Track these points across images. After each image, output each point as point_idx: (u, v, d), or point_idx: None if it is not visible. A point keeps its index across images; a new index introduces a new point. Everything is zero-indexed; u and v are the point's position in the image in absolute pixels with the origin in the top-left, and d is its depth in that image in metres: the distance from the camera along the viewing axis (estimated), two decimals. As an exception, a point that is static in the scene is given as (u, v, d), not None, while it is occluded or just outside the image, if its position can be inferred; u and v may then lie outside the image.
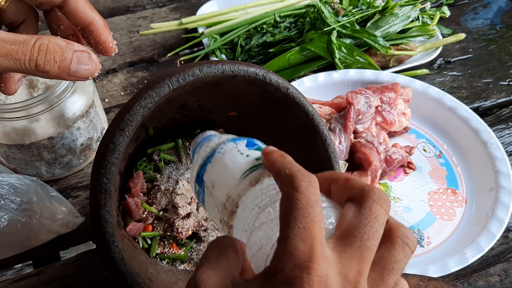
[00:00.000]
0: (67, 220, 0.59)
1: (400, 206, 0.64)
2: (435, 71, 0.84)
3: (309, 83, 0.75)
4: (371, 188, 0.28)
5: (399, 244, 0.27)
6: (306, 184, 0.26)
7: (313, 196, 0.26)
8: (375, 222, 0.27)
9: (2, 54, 0.33)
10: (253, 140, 0.35)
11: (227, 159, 0.33)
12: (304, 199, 0.25)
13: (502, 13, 0.97)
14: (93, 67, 0.37)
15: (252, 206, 0.30)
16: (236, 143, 0.34)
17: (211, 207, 0.34)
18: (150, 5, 0.98)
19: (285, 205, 0.26)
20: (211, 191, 0.34)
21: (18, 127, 0.57)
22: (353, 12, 0.81)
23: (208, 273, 0.27)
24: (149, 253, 0.52)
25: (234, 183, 0.32)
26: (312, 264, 0.24)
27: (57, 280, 0.56)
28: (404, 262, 0.27)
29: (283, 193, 0.27)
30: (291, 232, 0.25)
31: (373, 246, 0.26)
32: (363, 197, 0.27)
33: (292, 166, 0.27)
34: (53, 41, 0.35)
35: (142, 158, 0.55)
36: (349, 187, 0.29)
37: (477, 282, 0.57)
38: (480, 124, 0.69)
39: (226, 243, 0.29)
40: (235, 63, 0.46)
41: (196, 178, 0.36)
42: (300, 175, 0.26)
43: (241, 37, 0.83)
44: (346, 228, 0.27)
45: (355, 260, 0.25)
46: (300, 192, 0.25)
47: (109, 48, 0.41)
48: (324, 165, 0.51)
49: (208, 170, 0.34)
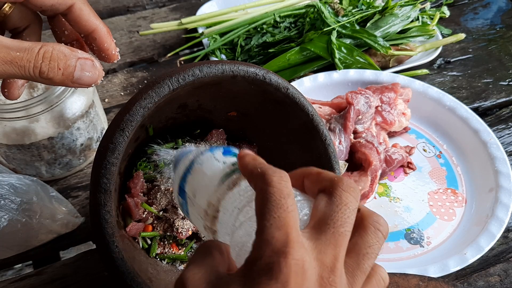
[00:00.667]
0: (67, 220, 0.59)
1: (400, 206, 0.64)
2: (435, 71, 0.84)
3: (309, 83, 0.75)
4: (340, 179, 0.29)
5: (371, 229, 0.29)
6: (277, 178, 0.27)
7: (285, 189, 0.27)
8: (346, 209, 0.28)
9: (7, 61, 0.33)
10: (230, 148, 0.36)
11: (206, 167, 0.34)
12: (277, 192, 0.27)
13: (502, 13, 0.97)
14: (96, 75, 0.38)
15: (231, 209, 0.31)
16: (213, 153, 0.35)
17: (195, 216, 0.35)
18: (150, 5, 0.98)
19: (260, 200, 0.27)
20: (193, 200, 0.35)
21: (18, 127, 0.57)
22: (353, 12, 0.81)
23: (194, 271, 0.28)
24: (149, 253, 0.52)
25: (213, 189, 0.33)
26: (289, 249, 0.25)
27: (57, 280, 0.56)
28: (378, 247, 0.29)
29: (256, 190, 0.28)
30: (267, 222, 0.26)
31: (346, 232, 0.27)
32: (333, 187, 0.29)
33: (263, 166, 0.29)
34: (57, 48, 0.35)
35: (142, 158, 0.55)
36: (320, 180, 0.30)
37: (477, 282, 0.57)
38: (480, 124, 0.69)
39: (210, 245, 0.30)
40: (235, 63, 0.46)
41: (179, 191, 0.36)
42: (271, 171, 0.28)
43: (241, 37, 0.83)
44: (319, 217, 0.28)
45: (330, 246, 0.27)
46: (272, 186, 0.27)
47: (111, 55, 0.42)
48: (324, 165, 0.51)
49: (188, 181, 0.35)
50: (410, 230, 0.62)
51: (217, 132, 0.57)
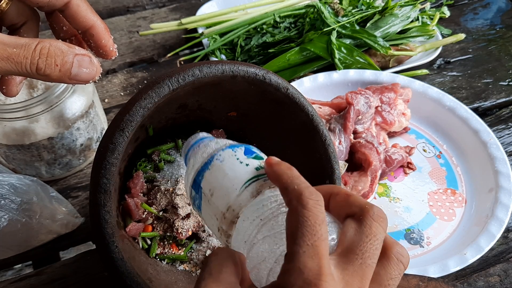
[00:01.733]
0: (67, 221, 0.59)
1: (400, 206, 0.64)
2: (434, 72, 0.84)
3: (309, 83, 0.75)
4: (370, 206, 0.29)
5: (394, 261, 0.29)
6: (313, 202, 0.27)
7: (320, 215, 0.27)
8: (374, 240, 0.28)
9: (4, 58, 0.33)
10: (250, 147, 0.36)
11: (227, 167, 0.33)
12: (312, 217, 0.26)
13: (501, 14, 0.97)
14: (94, 71, 0.37)
15: (253, 218, 0.30)
16: (235, 151, 0.34)
17: (209, 214, 0.34)
18: (150, 5, 0.98)
19: (293, 222, 0.27)
20: (209, 198, 0.34)
21: (18, 127, 0.57)
22: (353, 13, 0.81)
23: (212, 287, 0.28)
24: (149, 253, 0.52)
25: (235, 193, 0.32)
26: (321, 282, 0.25)
27: (57, 281, 0.56)
28: (398, 279, 0.29)
29: (290, 209, 0.27)
30: (300, 249, 0.26)
31: (373, 263, 0.28)
32: (363, 215, 0.29)
33: (300, 182, 0.28)
34: (54, 44, 0.35)
35: (142, 159, 0.55)
36: (349, 204, 0.30)
37: (477, 283, 0.57)
38: (479, 124, 0.69)
39: (225, 256, 0.30)
40: (234, 64, 0.46)
41: (193, 184, 0.35)
42: (308, 192, 0.27)
43: (241, 37, 0.83)
44: (348, 246, 0.28)
45: (357, 277, 0.27)
46: (308, 210, 0.26)
47: (109, 52, 0.42)
48: (323, 165, 0.51)
49: (206, 177, 0.34)
50: (410, 230, 0.62)
51: (217, 132, 0.57)
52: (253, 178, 0.32)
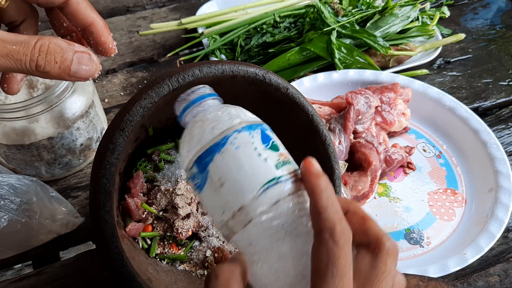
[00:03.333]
0: (67, 221, 0.59)
1: (400, 206, 0.64)
2: (434, 71, 0.84)
3: (308, 83, 0.75)
4: (387, 239, 0.30)
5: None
6: (345, 240, 0.27)
7: (349, 256, 0.27)
8: (387, 275, 0.29)
9: (3, 55, 0.33)
10: (265, 129, 0.33)
11: (243, 157, 0.30)
12: (343, 258, 0.27)
13: (501, 13, 0.97)
14: (94, 68, 0.37)
15: (267, 226, 0.29)
16: (252, 135, 0.31)
17: (213, 204, 0.31)
18: (150, 5, 0.98)
19: (323, 258, 0.27)
20: (217, 187, 0.31)
21: (17, 127, 0.57)
22: (353, 12, 0.81)
23: None
24: (149, 253, 0.52)
25: (251, 195, 0.30)
26: None
27: (57, 281, 0.56)
28: None
29: (319, 239, 0.28)
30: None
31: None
32: (379, 249, 0.29)
33: (335, 211, 0.28)
34: (53, 41, 0.35)
35: (142, 159, 0.55)
36: (365, 231, 0.30)
37: (477, 282, 0.57)
38: (479, 124, 0.69)
39: (227, 279, 0.29)
40: (234, 63, 0.46)
41: (197, 161, 0.32)
42: (341, 228, 0.28)
43: (240, 37, 0.83)
44: (363, 281, 0.29)
45: None
46: (339, 248, 0.27)
47: (109, 49, 0.42)
48: (323, 165, 0.51)
49: (216, 160, 0.31)
50: (410, 230, 0.62)
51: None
52: (273, 180, 0.30)
